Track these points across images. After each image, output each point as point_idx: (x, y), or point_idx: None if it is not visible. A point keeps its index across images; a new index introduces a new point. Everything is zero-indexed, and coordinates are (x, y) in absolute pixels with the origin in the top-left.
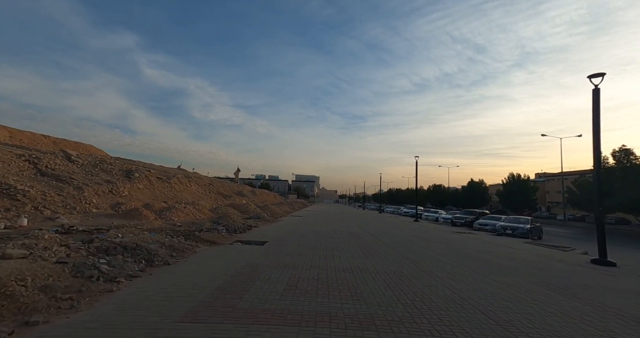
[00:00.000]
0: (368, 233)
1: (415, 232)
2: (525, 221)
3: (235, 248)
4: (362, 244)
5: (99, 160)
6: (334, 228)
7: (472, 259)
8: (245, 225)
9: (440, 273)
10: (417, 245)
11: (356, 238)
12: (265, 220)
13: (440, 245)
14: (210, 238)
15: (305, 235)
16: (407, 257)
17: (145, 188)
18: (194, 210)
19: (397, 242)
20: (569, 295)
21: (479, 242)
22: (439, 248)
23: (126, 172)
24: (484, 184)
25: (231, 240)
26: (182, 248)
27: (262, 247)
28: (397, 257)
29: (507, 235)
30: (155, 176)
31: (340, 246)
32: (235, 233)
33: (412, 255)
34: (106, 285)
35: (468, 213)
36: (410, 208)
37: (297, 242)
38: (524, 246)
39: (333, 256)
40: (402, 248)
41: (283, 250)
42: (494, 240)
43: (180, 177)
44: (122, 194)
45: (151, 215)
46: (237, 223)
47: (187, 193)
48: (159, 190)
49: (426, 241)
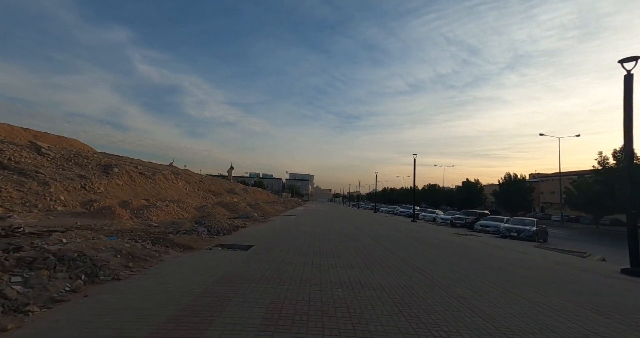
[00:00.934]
0: (365, 235)
1: (415, 234)
2: (531, 223)
3: (213, 254)
4: (360, 249)
5: (73, 154)
6: (329, 229)
7: (487, 268)
8: (231, 226)
9: (460, 290)
10: (421, 249)
11: (353, 241)
12: (254, 220)
13: (447, 249)
14: (186, 242)
15: (296, 238)
16: (413, 266)
17: (125, 184)
18: (177, 208)
19: (399, 245)
20: (633, 325)
21: (486, 246)
22: (447, 254)
23: (104, 167)
24: (479, 184)
25: (211, 243)
26: (144, 257)
27: (246, 253)
28: (403, 265)
29: (512, 238)
30: (138, 172)
31: (336, 251)
32: (218, 235)
33: (419, 263)
34: (4, 318)
35: (468, 213)
36: (406, 208)
37: (287, 245)
38: (535, 251)
39: (328, 265)
40: (405, 253)
41: (269, 257)
42: (500, 243)
43: (166, 173)
44: (96, 191)
45: (126, 214)
46: (221, 223)
47: (173, 191)
48: (141, 186)
49: (430, 245)
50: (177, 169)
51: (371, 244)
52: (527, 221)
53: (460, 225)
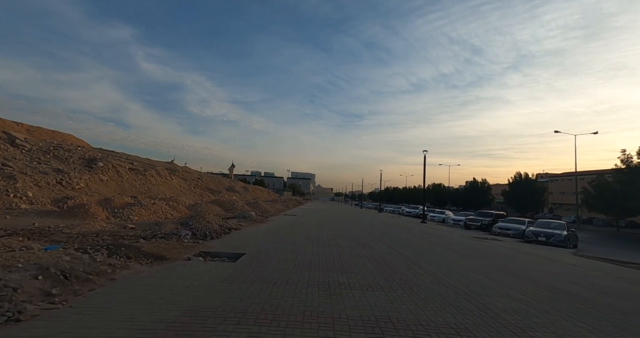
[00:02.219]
0: (376, 239)
1: (431, 238)
2: (560, 226)
3: (188, 268)
4: (375, 259)
5: (53, 146)
6: (334, 231)
7: (549, 291)
8: (223, 228)
9: (541, 335)
10: (448, 258)
11: (364, 248)
12: (252, 221)
13: (478, 259)
14: (158, 250)
15: (297, 243)
16: (452, 287)
17: (110, 180)
18: (167, 207)
19: (419, 253)
20: None
21: (518, 253)
22: (482, 266)
23: (88, 161)
24: (487, 184)
25: (192, 251)
26: (87, 275)
27: (233, 266)
28: (437, 285)
29: (539, 243)
30: (127, 167)
31: (347, 263)
32: (205, 239)
33: (457, 282)
34: None
35: (483, 215)
36: (412, 207)
37: (287, 254)
38: (579, 261)
39: (339, 285)
40: (432, 265)
41: (262, 273)
42: (531, 249)
43: (159, 170)
44: (74, 187)
45: (102, 213)
46: (212, 225)
47: (165, 188)
48: (129, 183)
49: (454, 252)
50: (175, 166)
51: (387, 252)
52: (555, 224)
53: (476, 227)
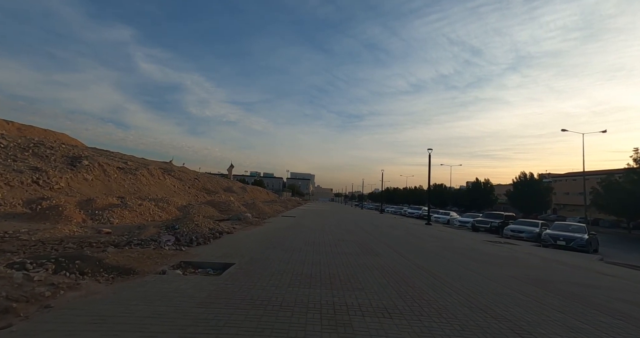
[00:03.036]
0: (382, 244)
1: (441, 242)
2: (581, 229)
3: (160, 286)
4: (387, 270)
5: (34, 143)
6: (336, 235)
7: (625, 321)
8: (213, 231)
9: None
10: (473, 270)
11: (371, 256)
12: (247, 223)
13: (503, 267)
14: (127, 261)
15: (295, 250)
16: (493, 312)
17: (96, 179)
18: (155, 208)
19: (434, 262)
20: None
21: (544, 261)
22: (513, 279)
23: (71, 159)
24: (490, 184)
25: (171, 261)
26: (7, 303)
27: (216, 281)
28: (473, 310)
29: (557, 247)
30: (116, 166)
31: (354, 276)
32: (191, 245)
33: (496, 305)
34: None
35: (492, 216)
36: (415, 208)
37: (283, 264)
38: (620, 272)
39: (348, 308)
40: (457, 279)
41: (250, 291)
42: (556, 256)
43: (152, 169)
44: (53, 186)
45: (79, 215)
46: (201, 228)
47: (157, 188)
48: (117, 182)
49: (473, 259)
50: (171, 166)
51: (397, 260)
52: (574, 227)
53: (485, 229)
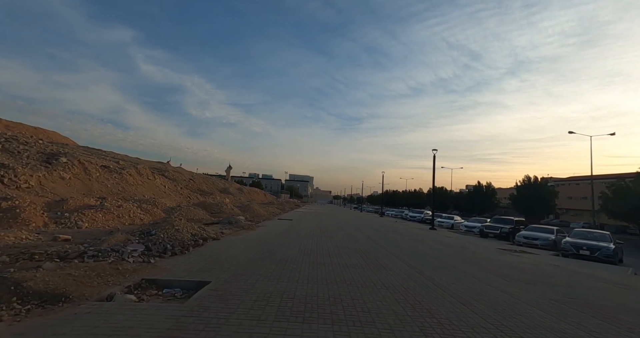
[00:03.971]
0: (389, 253)
1: (455, 251)
2: (605, 238)
3: (95, 321)
4: (400, 291)
5: (5, 138)
6: (335, 242)
7: None
8: (196, 238)
9: None
10: (504, 291)
11: (378, 270)
12: (238, 227)
13: (537, 287)
14: (62, 282)
15: (289, 261)
16: None
17: (75, 178)
18: (138, 210)
19: (456, 279)
20: None
21: (581, 277)
22: (559, 304)
23: (48, 156)
24: (492, 187)
25: (132, 278)
26: None
27: (178, 311)
28: None
29: (577, 257)
30: (99, 164)
31: (361, 301)
32: (164, 255)
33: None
34: None
35: (501, 221)
36: (416, 212)
37: (271, 282)
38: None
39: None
40: (491, 307)
41: (220, 329)
42: (584, 268)
43: (140, 168)
44: (20, 185)
45: (40, 218)
46: (182, 234)
47: (145, 188)
48: (100, 182)
49: (501, 276)
50: (166, 165)
51: (411, 276)
52: (598, 235)
53: (495, 235)
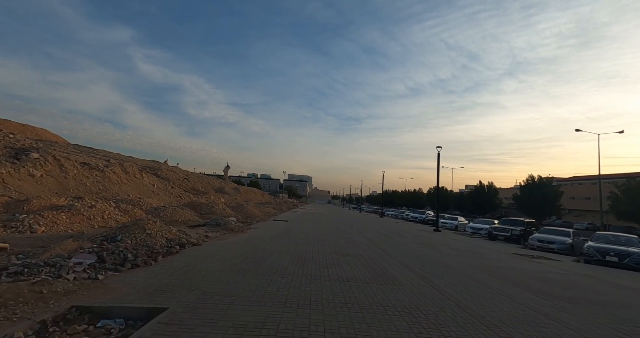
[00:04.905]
0: (397, 261)
1: (469, 258)
2: (634, 242)
3: None
4: (418, 316)
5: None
6: (334, 247)
7: None
8: (171, 243)
9: None
10: (552, 318)
11: (388, 285)
12: (226, 229)
13: (595, 309)
14: None
15: (277, 273)
16: None
17: (47, 176)
18: (116, 211)
19: (484, 299)
20: None
21: (632, 293)
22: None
23: (16, 151)
24: (493, 187)
25: (54, 307)
26: None
27: None
28: None
29: (602, 263)
30: (79, 161)
31: (369, 334)
32: (120, 268)
33: None
34: None
35: (511, 223)
36: (418, 212)
37: (248, 309)
38: None
39: None
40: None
41: None
42: (626, 280)
43: (127, 166)
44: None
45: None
46: (154, 239)
47: (131, 187)
48: (77, 180)
49: (533, 291)
50: (160, 164)
51: (428, 295)
52: (626, 239)
53: (505, 238)
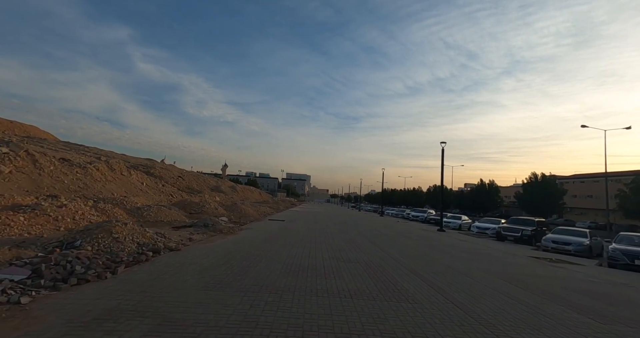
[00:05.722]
0: (407, 269)
1: (484, 262)
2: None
3: None
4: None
5: None
6: (334, 251)
7: None
8: (143, 249)
9: None
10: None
11: (401, 302)
12: (215, 230)
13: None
14: None
15: (263, 289)
16: None
17: (18, 172)
18: (92, 212)
19: (533, 326)
20: None
21: None
22: None
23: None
24: (495, 185)
25: None
26: None
27: None
28: None
29: (630, 268)
30: (58, 157)
31: None
32: (60, 285)
33: None
34: None
35: (520, 222)
36: (419, 211)
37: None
38: None
39: None
40: None
41: None
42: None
43: (113, 163)
44: None
45: None
46: (123, 244)
47: (117, 185)
48: (54, 177)
49: (579, 310)
50: (153, 162)
51: (454, 318)
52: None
53: (514, 238)
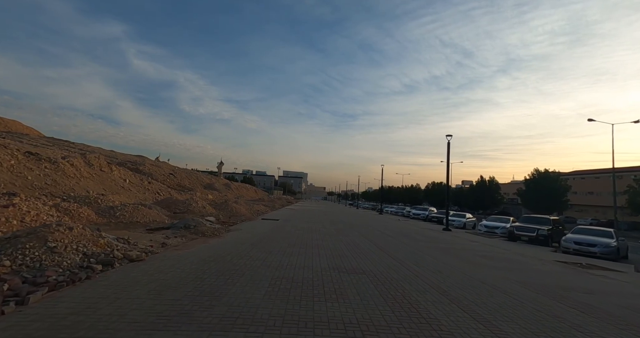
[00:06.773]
0: (430, 286)
1: (510, 271)
2: None
3: None
4: None
5: None
6: (333, 258)
7: None
8: (90, 261)
9: None
10: None
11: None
12: (196, 233)
13: None
14: None
15: (238, 322)
16: None
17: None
18: (51, 212)
19: None
20: None
21: None
22: None
23: None
24: (495, 182)
25: None
26: None
27: None
28: None
29: None
30: (23, 150)
31: None
32: None
33: None
34: None
35: (534, 221)
36: (420, 209)
37: None
38: None
39: None
40: None
41: None
42: None
43: (91, 158)
44: None
45: None
46: (60, 255)
47: (94, 182)
48: (15, 172)
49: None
50: (144, 159)
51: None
52: None
53: (529, 239)
